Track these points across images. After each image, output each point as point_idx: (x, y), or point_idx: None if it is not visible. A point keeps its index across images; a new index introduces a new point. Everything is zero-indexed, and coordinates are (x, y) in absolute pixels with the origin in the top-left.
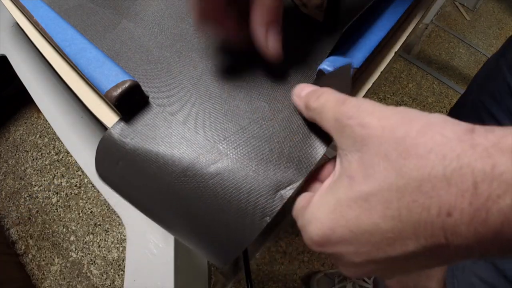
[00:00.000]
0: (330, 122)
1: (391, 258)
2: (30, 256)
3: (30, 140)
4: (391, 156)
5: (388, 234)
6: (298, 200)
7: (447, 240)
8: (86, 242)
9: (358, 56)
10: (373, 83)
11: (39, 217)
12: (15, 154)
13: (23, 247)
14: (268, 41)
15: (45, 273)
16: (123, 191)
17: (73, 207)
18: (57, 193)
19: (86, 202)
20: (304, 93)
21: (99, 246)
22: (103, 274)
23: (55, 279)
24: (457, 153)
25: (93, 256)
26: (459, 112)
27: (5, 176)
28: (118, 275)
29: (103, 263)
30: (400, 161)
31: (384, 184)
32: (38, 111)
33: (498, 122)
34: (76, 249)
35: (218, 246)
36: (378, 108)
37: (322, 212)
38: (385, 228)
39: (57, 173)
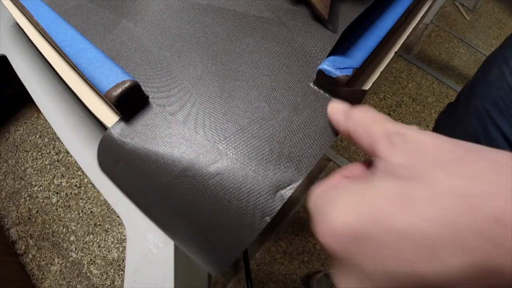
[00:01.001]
0: (378, 134)
1: (414, 276)
2: (30, 256)
3: (30, 140)
4: (443, 161)
5: (424, 240)
6: (317, 187)
7: (491, 256)
8: (86, 242)
9: (358, 56)
10: (373, 83)
11: (39, 217)
12: (15, 154)
13: (23, 247)
14: None
15: (45, 273)
16: (124, 190)
17: (73, 207)
18: (57, 193)
19: (86, 202)
20: (342, 106)
21: (99, 246)
22: (103, 274)
23: (55, 279)
24: None
25: (93, 256)
26: (462, 117)
27: (5, 176)
28: (118, 275)
29: (103, 263)
30: (454, 164)
31: (432, 181)
32: (38, 111)
33: (503, 133)
34: (76, 249)
35: (217, 247)
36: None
37: (352, 197)
38: (423, 230)
39: (57, 173)
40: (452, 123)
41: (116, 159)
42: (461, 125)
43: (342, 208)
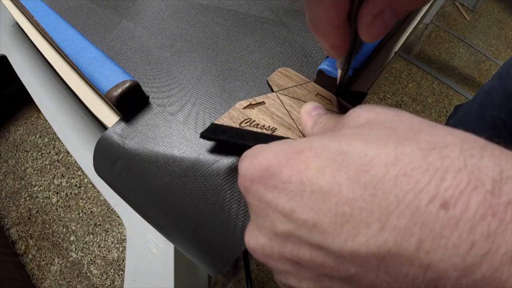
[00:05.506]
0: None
1: (319, 242)
2: (30, 256)
3: (30, 140)
4: (399, 128)
5: (344, 205)
6: None
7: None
8: (86, 242)
9: (358, 56)
10: (373, 83)
11: (39, 217)
12: (15, 154)
13: (23, 247)
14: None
15: (45, 273)
16: (120, 190)
17: (73, 207)
18: (57, 193)
19: (86, 202)
20: (315, 112)
21: (99, 246)
22: (103, 274)
23: (55, 279)
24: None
25: (93, 256)
26: (477, 124)
27: (5, 176)
28: (118, 275)
29: (103, 263)
30: (410, 133)
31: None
32: (38, 111)
33: None
34: (76, 249)
35: (217, 247)
36: None
37: (280, 145)
38: (346, 194)
39: (57, 173)
40: (464, 130)
41: (114, 159)
42: (473, 133)
43: (266, 154)
